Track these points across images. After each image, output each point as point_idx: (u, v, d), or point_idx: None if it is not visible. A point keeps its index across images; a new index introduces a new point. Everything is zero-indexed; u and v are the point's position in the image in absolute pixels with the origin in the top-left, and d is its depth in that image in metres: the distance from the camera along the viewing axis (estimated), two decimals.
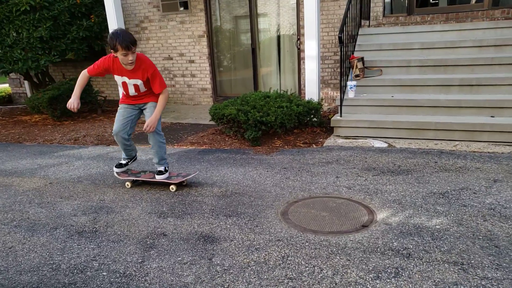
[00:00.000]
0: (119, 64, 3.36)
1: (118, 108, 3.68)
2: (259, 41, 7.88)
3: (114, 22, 6.89)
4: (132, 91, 3.52)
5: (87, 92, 7.79)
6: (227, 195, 3.53)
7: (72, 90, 3.49)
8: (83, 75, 3.49)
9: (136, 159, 3.98)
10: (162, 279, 2.34)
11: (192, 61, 8.31)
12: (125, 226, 3.06)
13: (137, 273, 2.42)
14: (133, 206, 3.43)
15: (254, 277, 2.31)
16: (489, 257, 2.36)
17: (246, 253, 2.57)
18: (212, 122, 6.04)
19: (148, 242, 2.79)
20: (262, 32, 7.81)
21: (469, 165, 3.89)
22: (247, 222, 3.00)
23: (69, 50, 7.84)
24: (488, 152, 4.24)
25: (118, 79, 3.47)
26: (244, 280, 2.28)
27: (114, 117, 3.71)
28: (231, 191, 3.63)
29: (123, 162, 3.88)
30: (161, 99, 3.51)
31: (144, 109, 3.66)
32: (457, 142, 4.62)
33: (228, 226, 2.96)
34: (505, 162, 3.91)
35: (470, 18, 6.34)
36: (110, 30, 7.04)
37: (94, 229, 3.04)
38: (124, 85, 3.49)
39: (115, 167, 3.86)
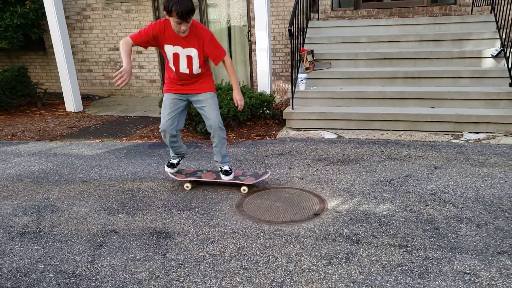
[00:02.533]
0: (172, 30, 2.90)
1: (164, 98, 3.22)
2: None
3: (52, 9, 6.45)
4: (183, 66, 3.03)
5: (25, 84, 7.24)
6: (180, 190, 3.48)
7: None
8: (126, 42, 2.90)
9: (184, 156, 3.61)
10: (114, 277, 2.26)
11: (139, 52, 8.03)
12: (73, 224, 2.92)
13: (87, 273, 2.32)
14: (81, 203, 3.28)
15: (210, 270, 2.30)
16: (430, 239, 2.53)
17: (201, 246, 2.55)
18: None
19: (98, 240, 2.68)
20: (212, 23, 7.70)
21: (413, 154, 4.12)
22: (201, 216, 2.98)
23: (2, 38, 7.24)
24: (430, 141, 4.52)
25: (169, 49, 2.98)
26: (199, 273, 2.27)
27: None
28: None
29: (174, 161, 3.47)
30: (230, 68, 3.11)
31: (199, 101, 3.18)
32: (401, 132, 4.88)
33: (182, 220, 2.91)
34: (444, 150, 4.18)
35: (412, 13, 6.69)
36: (48, 18, 6.67)
37: (38, 229, 2.86)
38: (176, 58, 3.00)
39: (167, 166, 3.47)
